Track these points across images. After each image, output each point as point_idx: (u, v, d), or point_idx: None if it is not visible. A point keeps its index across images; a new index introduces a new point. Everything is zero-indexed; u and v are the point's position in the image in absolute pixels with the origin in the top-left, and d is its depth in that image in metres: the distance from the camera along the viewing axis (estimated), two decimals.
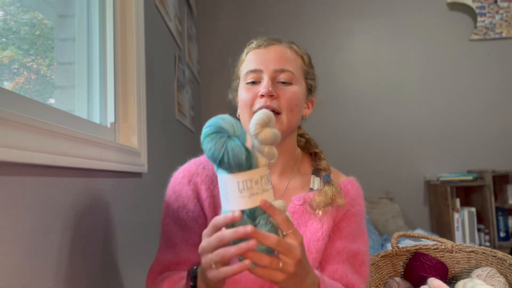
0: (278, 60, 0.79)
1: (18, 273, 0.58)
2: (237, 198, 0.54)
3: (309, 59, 0.87)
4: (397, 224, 2.63)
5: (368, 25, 3.10)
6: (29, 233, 0.61)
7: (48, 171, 0.67)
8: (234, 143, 0.54)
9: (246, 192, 0.53)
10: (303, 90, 0.83)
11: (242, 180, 0.53)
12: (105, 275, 0.92)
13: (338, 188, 0.81)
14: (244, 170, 0.54)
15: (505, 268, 1.11)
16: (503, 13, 3.03)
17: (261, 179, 0.54)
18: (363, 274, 0.80)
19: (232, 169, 0.54)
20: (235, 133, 0.55)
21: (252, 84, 0.80)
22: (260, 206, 0.54)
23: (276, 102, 0.77)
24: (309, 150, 0.91)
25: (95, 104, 1.10)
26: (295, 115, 0.79)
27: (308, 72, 0.85)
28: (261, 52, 0.81)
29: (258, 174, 0.54)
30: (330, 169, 0.86)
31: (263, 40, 0.83)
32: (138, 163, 1.18)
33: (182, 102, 2.12)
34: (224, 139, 0.54)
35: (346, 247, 0.79)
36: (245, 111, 0.80)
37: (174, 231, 0.80)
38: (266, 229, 0.54)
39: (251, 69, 0.80)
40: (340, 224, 0.80)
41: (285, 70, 0.79)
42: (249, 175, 0.54)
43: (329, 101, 3.02)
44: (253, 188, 0.54)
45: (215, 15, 3.11)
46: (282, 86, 0.79)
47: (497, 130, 2.97)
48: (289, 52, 0.82)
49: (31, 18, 0.98)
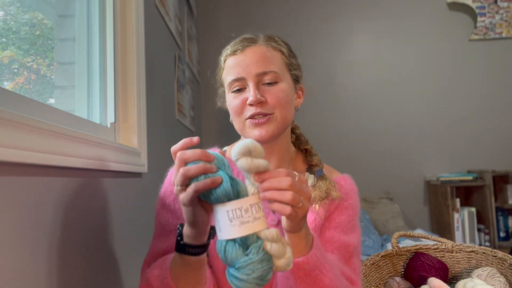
0: (257, 62, 0.78)
1: (18, 272, 0.58)
2: (227, 227, 0.54)
3: (289, 49, 0.84)
4: (397, 224, 2.63)
5: (368, 25, 3.10)
6: (29, 233, 0.61)
7: (48, 171, 0.67)
8: (218, 174, 0.55)
9: (236, 221, 0.53)
10: (290, 83, 0.82)
11: (231, 209, 0.54)
12: (105, 275, 0.92)
13: (332, 182, 0.81)
14: (232, 199, 0.54)
15: (505, 268, 1.11)
16: (503, 13, 3.03)
17: (251, 207, 0.54)
18: (352, 265, 0.79)
19: (220, 199, 0.54)
20: (217, 165, 0.57)
21: (238, 92, 0.79)
22: (251, 235, 0.54)
23: (265, 106, 0.77)
24: (299, 147, 0.91)
25: (95, 104, 1.10)
26: (288, 111, 0.79)
27: (291, 63, 0.83)
28: (239, 58, 0.79)
29: (247, 202, 0.54)
30: (322, 164, 0.86)
31: (238, 43, 0.81)
32: (138, 163, 1.18)
33: (182, 102, 2.12)
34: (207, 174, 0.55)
35: (335, 236, 0.79)
36: (237, 119, 0.80)
37: (167, 220, 0.80)
38: (258, 258, 0.53)
39: (233, 78, 0.79)
40: (331, 215, 0.81)
41: (268, 72, 0.78)
42: (238, 204, 0.54)
43: (329, 101, 3.02)
44: (243, 217, 0.53)
45: (215, 15, 3.11)
46: (268, 88, 0.78)
47: (497, 130, 2.98)
48: (266, 50, 0.80)
49: (31, 18, 0.98)
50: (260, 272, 0.53)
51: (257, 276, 0.53)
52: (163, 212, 0.81)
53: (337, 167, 0.89)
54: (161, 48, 1.68)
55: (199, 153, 0.56)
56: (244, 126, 0.79)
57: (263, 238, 0.54)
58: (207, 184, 0.54)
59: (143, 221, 1.26)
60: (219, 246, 0.55)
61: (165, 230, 0.80)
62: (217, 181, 0.54)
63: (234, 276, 0.53)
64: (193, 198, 0.55)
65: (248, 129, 0.79)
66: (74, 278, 0.76)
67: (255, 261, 0.53)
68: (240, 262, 0.53)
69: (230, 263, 0.54)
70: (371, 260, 1.18)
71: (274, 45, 0.81)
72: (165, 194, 0.82)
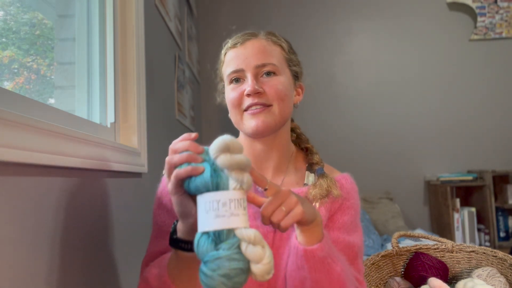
0: (257, 55, 0.78)
1: (18, 272, 0.58)
2: (203, 219, 0.52)
3: (289, 46, 0.85)
4: (397, 224, 2.63)
5: (368, 25, 3.10)
6: (28, 233, 0.61)
7: (48, 171, 0.67)
8: (201, 164, 0.55)
9: (212, 213, 0.51)
10: (289, 78, 0.82)
11: (209, 200, 0.52)
12: (104, 275, 0.92)
13: (333, 180, 0.81)
14: (211, 190, 0.53)
15: (505, 268, 1.11)
16: (503, 13, 3.03)
17: (229, 202, 0.52)
18: (357, 266, 0.79)
19: (199, 189, 0.53)
20: (205, 158, 0.56)
21: (237, 83, 0.79)
22: (226, 230, 0.51)
23: (264, 97, 0.77)
24: (300, 145, 0.91)
25: (95, 104, 1.10)
26: (286, 105, 0.79)
27: (290, 59, 0.83)
28: (238, 51, 0.80)
29: (226, 196, 0.52)
30: (323, 163, 0.86)
31: (238, 37, 0.82)
32: (138, 163, 1.18)
33: (182, 102, 2.12)
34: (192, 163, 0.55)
35: (340, 237, 0.79)
36: (234, 111, 0.79)
37: (164, 221, 0.79)
38: (226, 254, 0.50)
39: (232, 70, 0.79)
40: (334, 216, 0.81)
41: (267, 64, 0.78)
42: (215, 196, 0.52)
43: (329, 101, 3.02)
44: (219, 210, 0.51)
45: (215, 15, 3.11)
46: (267, 79, 0.78)
47: (497, 130, 2.98)
48: (266, 43, 0.80)
49: (31, 18, 0.98)
50: (227, 271, 0.49)
51: (223, 274, 0.49)
52: (160, 212, 0.81)
53: (337, 167, 0.89)
54: (161, 48, 1.68)
55: (188, 144, 0.57)
56: (241, 119, 0.79)
57: (239, 237, 0.51)
58: (187, 171, 0.54)
59: (143, 221, 1.26)
60: (195, 239, 0.52)
61: (161, 231, 0.79)
62: (198, 170, 0.53)
63: (201, 271, 0.50)
64: (175, 185, 0.55)
65: (245, 121, 0.78)
66: (74, 278, 0.76)
67: (222, 257, 0.50)
68: (208, 256, 0.50)
69: (201, 256, 0.51)
70: (371, 260, 1.18)
71: (274, 40, 0.82)
72: (161, 194, 0.82)
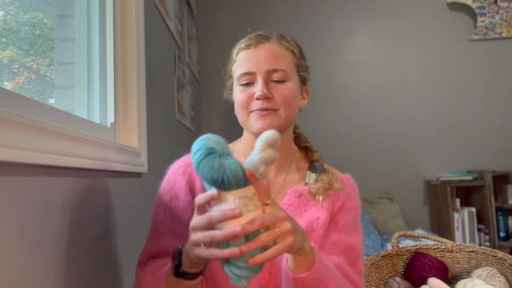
0: (269, 60, 0.79)
1: (18, 272, 0.58)
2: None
3: (300, 51, 0.86)
4: (397, 224, 2.63)
5: (368, 25, 3.10)
6: (28, 233, 0.61)
7: (48, 171, 0.67)
8: (229, 161, 0.54)
9: (242, 209, 0.53)
10: (297, 84, 0.83)
11: (239, 197, 0.54)
12: (105, 275, 0.92)
13: (334, 175, 0.84)
14: (242, 187, 0.54)
15: (505, 268, 1.11)
16: (503, 13, 3.03)
17: (253, 196, 0.55)
18: (358, 268, 0.80)
19: (231, 187, 0.54)
20: (223, 150, 0.56)
21: (246, 86, 0.80)
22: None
23: (272, 102, 0.78)
24: (300, 144, 0.92)
25: (95, 104, 1.10)
26: (292, 109, 0.81)
27: (300, 65, 0.85)
28: (251, 53, 0.81)
29: (252, 191, 0.55)
30: (322, 160, 0.88)
31: (252, 39, 0.83)
32: (138, 163, 1.18)
33: (182, 102, 2.12)
34: (217, 159, 0.54)
35: (341, 239, 0.79)
36: (242, 112, 0.81)
37: (163, 221, 0.80)
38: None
39: (243, 72, 0.80)
40: (336, 217, 0.81)
41: (277, 70, 0.79)
42: (245, 192, 0.54)
43: (329, 101, 3.02)
44: (248, 205, 0.54)
45: (215, 15, 3.11)
46: (276, 85, 0.79)
47: (497, 130, 2.97)
48: (279, 49, 0.81)
49: (31, 18, 0.98)
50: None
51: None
52: (158, 211, 0.82)
53: (337, 167, 0.90)
54: (161, 48, 1.68)
55: (228, 215, 0.55)
56: (248, 118, 0.80)
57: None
58: (227, 254, 0.54)
59: (143, 221, 1.26)
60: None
61: (157, 231, 0.81)
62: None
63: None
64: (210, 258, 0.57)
65: (251, 121, 0.80)
66: (74, 277, 0.76)
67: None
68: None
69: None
70: (371, 260, 1.18)
71: (287, 45, 0.83)
72: (162, 193, 0.83)
